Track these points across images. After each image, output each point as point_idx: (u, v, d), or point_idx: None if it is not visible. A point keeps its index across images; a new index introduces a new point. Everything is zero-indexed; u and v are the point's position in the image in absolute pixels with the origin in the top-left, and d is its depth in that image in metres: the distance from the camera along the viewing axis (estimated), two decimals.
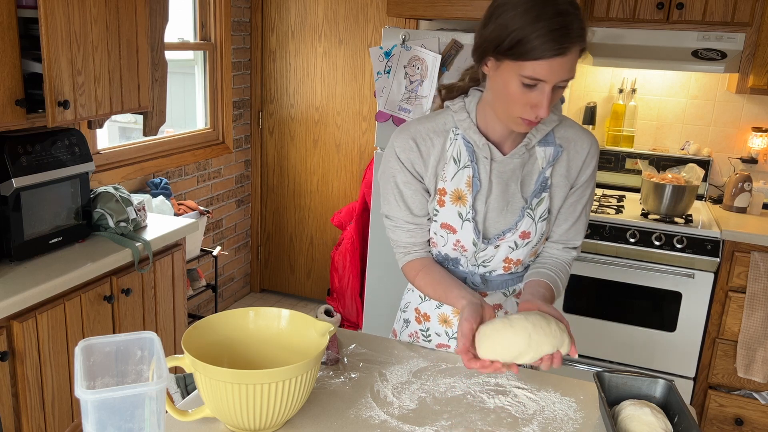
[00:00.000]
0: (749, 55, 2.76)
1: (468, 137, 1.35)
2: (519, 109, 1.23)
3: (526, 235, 1.40)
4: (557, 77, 1.17)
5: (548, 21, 1.13)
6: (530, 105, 1.21)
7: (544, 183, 1.38)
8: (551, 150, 1.37)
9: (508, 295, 1.51)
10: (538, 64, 1.15)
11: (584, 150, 1.40)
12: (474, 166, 1.36)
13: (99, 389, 0.93)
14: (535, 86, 1.18)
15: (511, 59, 1.18)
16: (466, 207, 1.38)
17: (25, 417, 1.93)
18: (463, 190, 1.37)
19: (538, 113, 1.21)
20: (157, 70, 2.48)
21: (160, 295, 2.48)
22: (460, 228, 1.39)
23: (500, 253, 1.42)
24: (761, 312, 2.63)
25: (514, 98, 1.22)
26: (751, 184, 2.95)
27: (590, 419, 1.27)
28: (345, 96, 3.84)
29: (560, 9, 1.14)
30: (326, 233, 4.07)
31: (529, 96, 1.20)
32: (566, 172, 1.40)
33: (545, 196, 1.39)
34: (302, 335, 1.25)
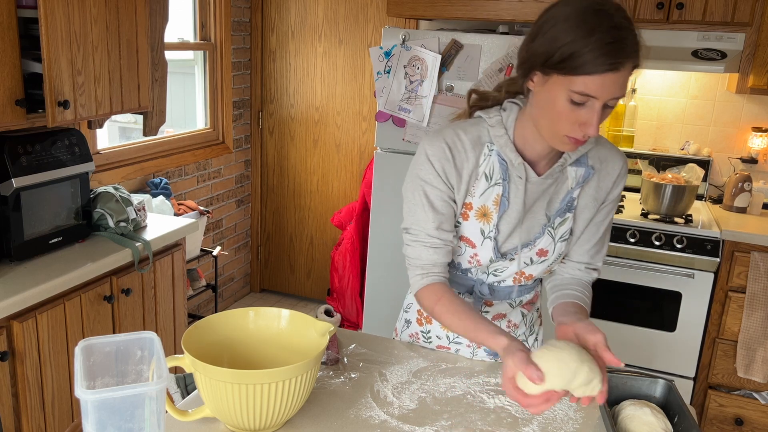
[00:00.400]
0: (749, 55, 2.76)
1: (504, 155, 1.29)
2: (566, 127, 1.17)
3: (543, 252, 1.37)
4: (609, 94, 1.11)
5: (603, 34, 1.08)
6: (579, 123, 1.15)
7: (570, 203, 1.34)
8: (582, 171, 1.32)
9: (515, 306, 1.49)
10: (590, 79, 1.10)
11: (615, 171, 1.36)
12: (505, 185, 1.30)
13: (99, 389, 0.93)
14: (585, 103, 1.13)
15: (561, 74, 1.12)
16: (489, 225, 1.34)
17: (25, 417, 1.93)
18: (490, 208, 1.33)
19: (586, 132, 1.15)
20: (157, 70, 2.48)
21: (160, 295, 2.48)
22: (480, 244, 1.36)
23: (513, 267, 1.39)
24: (761, 312, 2.63)
25: (561, 115, 1.16)
26: (751, 184, 2.95)
27: (590, 419, 1.27)
28: (345, 96, 3.84)
29: (615, 22, 1.09)
30: (326, 233, 4.07)
31: (578, 113, 1.14)
32: (595, 193, 1.36)
33: (569, 216, 1.35)
34: (302, 335, 1.25)
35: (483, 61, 2.73)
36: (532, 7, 2.73)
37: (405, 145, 2.93)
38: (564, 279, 1.44)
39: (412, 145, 2.91)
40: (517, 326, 1.51)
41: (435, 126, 2.84)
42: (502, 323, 1.50)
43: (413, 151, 2.92)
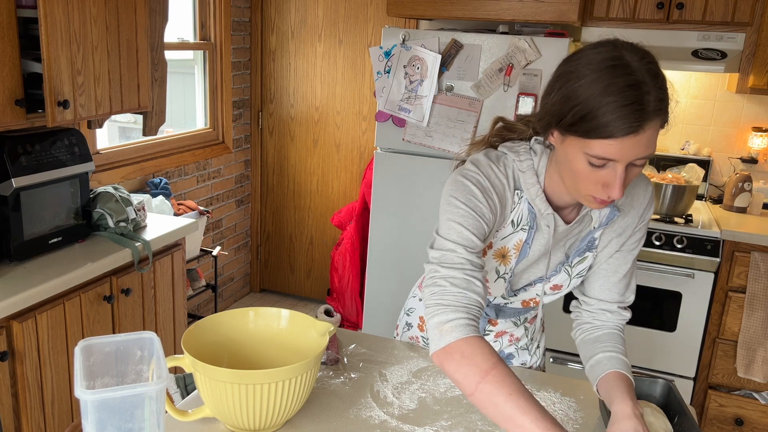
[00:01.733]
0: (749, 55, 2.76)
1: (534, 205, 1.19)
2: (589, 187, 1.07)
3: (557, 287, 1.32)
4: (631, 156, 1.00)
5: (619, 95, 0.96)
6: (601, 184, 1.05)
7: (590, 243, 1.26)
8: (607, 211, 1.21)
9: (519, 324, 1.48)
10: (607, 143, 0.99)
11: (642, 204, 1.26)
12: (531, 233, 1.22)
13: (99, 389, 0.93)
14: (605, 165, 1.02)
15: (576, 135, 1.02)
16: (506, 267, 1.28)
17: (24, 417, 1.93)
18: (510, 252, 1.25)
19: (610, 194, 1.04)
20: (157, 70, 2.48)
21: (159, 295, 2.48)
22: (493, 282, 1.31)
23: (525, 296, 1.36)
24: (761, 312, 2.63)
25: (582, 176, 1.06)
26: (751, 184, 2.95)
27: (590, 419, 1.27)
28: (345, 96, 3.84)
29: (634, 80, 0.97)
30: (326, 233, 4.06)
31: (599, 175, 1.04)
32: (621, 230, 1.26)
33: (589, 255, 1.27)
34: (302, 335, 1.25)
35: (483, 61, 2.73)
36: (532, 7, 2.73)
37: (405, 145, 2.93)
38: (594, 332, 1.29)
39: (412, 145, 2.91)
40: (519, 339, 1.51)
41: (435, 126, 2.84)
42: (504, 338, 1.48)
43: (413, 151, 2.92)
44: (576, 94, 1.00)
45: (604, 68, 0.99)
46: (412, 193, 2.98)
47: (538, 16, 2.73)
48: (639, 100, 0.97)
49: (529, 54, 2.64)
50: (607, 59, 0.99)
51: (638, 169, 1.04)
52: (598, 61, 1.00)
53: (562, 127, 1.04)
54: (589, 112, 0.99)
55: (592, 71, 0.99)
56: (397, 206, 3.02)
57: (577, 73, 1.01)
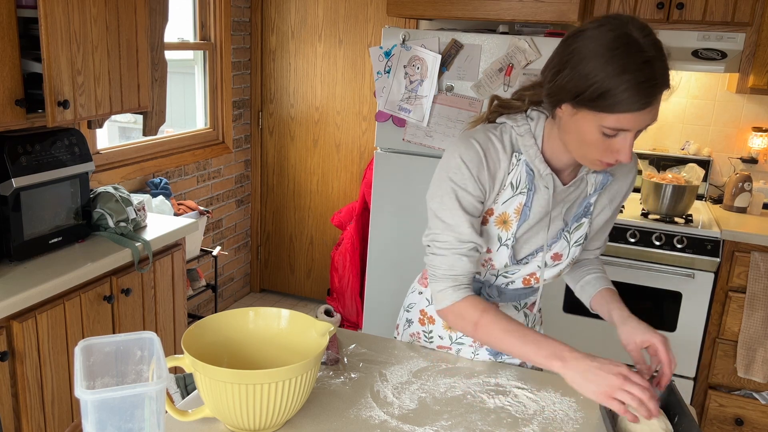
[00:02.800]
0: (749, 55, 2.76)
1: (532, 165, 1.27)
2: (598, 153, 1.17)
3: (558, 256, 1.38)
4: (641, 125, 1.11)
5: (635, 73, 1.05)
6: (611, 150, 1.15)
7: (587, 208, 1.36)
8: (601, 177, 1.32)
9: (519, 309, 1.50)
10: (623, 116, 1.09)
11: (630, 173, 1.40)
12: (529, 194, 1.30)
13: (99, 389, 0.93)
14: (617, 134, 1.13)
15: (592, 110, 1.11)
16: (507, 233, 1.33)
17: (25, 417, 1.93)
18: (510, 216, 1.32)
19: (619, 158, 1.15)
20: (157, 70, 2.48)
21: (160, 295, 2.48)
22: (496, 250, 1.35)
23: (526, 269, 1.40)
24: (761, 312, 2.63)
25: (593, 144, 1.16)
26: (751, 184, 2.95)
27: (590, 419, 1.27)
28: (345, 96, 3.84)
29: (646, 57, 1.06)
30: (326, 233, 4.07)
31: (610, 142, 1.14)
32: (613, 196, 1.39)
33: (585, 221, 1.37)
34: (302, 335, 1.25)
35: (483, 61, 2.73)
36: (532, 7, 2.73)
37: (405, 145, 2.93)
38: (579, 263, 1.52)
39: (412, 145, 2.91)
40: None
41: (435, 126, 2.84)
42: None
43: (413, 151, 2.92)
44: (593, 73, 1.08)
45: (617, 47, 1.07)
46: (412, 193, 2.98)
47: (538, 16, 2.73)
48: (652, 76, 1.07)
49: (529, 54, 2.64)
50: (617, 37, 1.07)
51: (640, 133, 1.16)
52: (610, 40, 1.08)
53: (578, 102, 1.12)
54: (607, 90, 1.07)
55: (605, 50, 1.07)
56: (397, 206, 3.02)
57: (590, 52, 1.09)
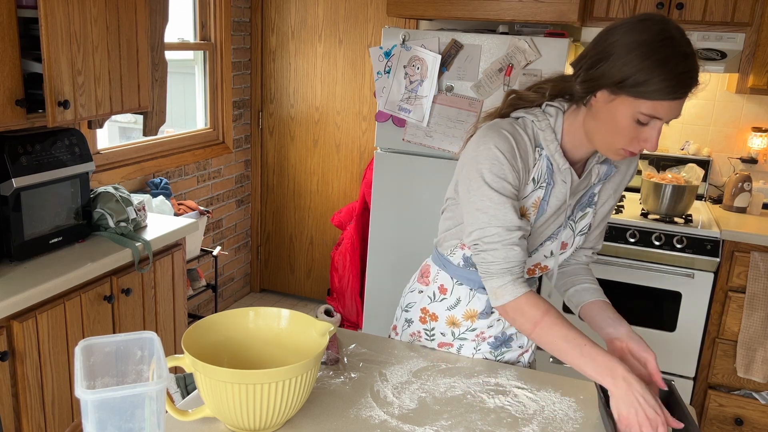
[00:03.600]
0: (749, 55, 2.76)
1: (552, 160, 1.32)
2: (625, 142, 1.22)
3: (564, 245, 1.42)
4: (672, 115, 1.18)
5: (676, 64, 1.13)
6: (639, 139, 1.21)
7: (591, 198, 1.40)
8: (605, 168, 1.37)
9: None
10: (660, 104, 1.15)
11: (631, 166, 1.44)
12: (548, 189, 1.34)
13: (99, 389, 0.93)
14: (649, 123, 1.19)
15: (632, 96, 1.16)
16: None
17: (25, 417, 1.93)
18: (528, 210, 1.35)
19: (646, 147, 1.21)
20: (157, 70, 2.48)
21: (160, 295, 2.48)
22: None
23: (532, 260, 1.43)
24: (761, 312, 2.64)
25: (623, 131, 1.20)
26: (750, 184, 2.95)
27: (590, 419, 1.27)
28: (345, 96, 3.84)
29: (685, 51, 1.14)
30: (326, 233, 4.07)
31: (640, 131, 1.20)
32: (616, 187, 1.43)
33: (590, 211, 1.41)
34: (302, 335, 1.25)
35: (483, 61, 2.73)
36: (532, 7, 2.73)
37: (405, 145, 2.93)
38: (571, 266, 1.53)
39: (412, 145, 2.91)
40: None
41: (435, 126, 2.84)
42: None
43: (413, 151, 2.92)
44: (637, 61, 1.14)
45: (660, 40, 1.14)
46: (412, 193, 2.98)
47: (538, 16, 2.73)
48: (691, 69, 1.15)
49: (529, 54, 2.64)
50: (660, 31, 1.15)
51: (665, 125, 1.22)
52: (654, 33, 1.15)
53: (619, 88, 1.17)
54: (650, 78, 1.13)
55: (650, 42, 1.14)
56: (397, 206, 3.02)
57: (634, 42, 1.15)
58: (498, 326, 1.51)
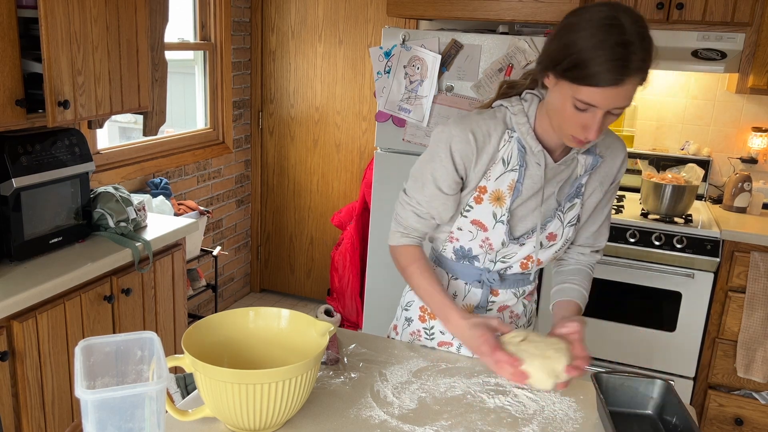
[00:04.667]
0: (749, 55, 2.76)
1: (524, 142, 1.34)
2: (571, 128, 1.23)
3: (552, 236, 1.42)
4: (610, 105, 1.17)
5: (609, 50, 1.11)
6: (581, 126, 1.21)
7: (578, 189, 1.40)
8: (591, 159, 1.38)
9: (519, 296, 1.51)
10: (593, 90, 1.15)
11: (619, 158, 1.43)
12: (521, 171, 1.35)
13: (99, 389, 0.93)
14: (587, 110, 1.18)
15: (568, 81, 1.17)
16: (502, 209, 1.38)
17: (25, 417, 1.93)
18: (504, 192, 1.37)
19: (587, 136, 1.22)
20: (157, 70, 2.48)
21: (160, 295, 2.48)
22: (492, 228, 1.39)
23: (523, 251, 1.43)
24: (761, 312, 2.63)
25: (567, 117, 1.22)
26: (750, 184, 2.95)
27: (590, 419, 1.27)
28: (345, 96, 3.84)
29: (624, 39, 1.11)
30: (326, 233, 4.07)
31: (581, 117, 1.20)
32: (602, 179, 1.42)
33: (577, 202, 1.41)
34: (302, 335, 1.25)
35: (483, 61, 2.73)
36: (532, 7, 2.73)
37: (405, 145, 2.93)
38: (569, 266, 1.52)
39: (412, 145, 2.91)
40: (519, 317, 1.55)
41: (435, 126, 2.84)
42: (505, 314, 1.52)
43: (413, 151, 2.92)
44: (574, 45, 1.15)
45: (601, 25, 1.13)
46: None
47: (538, 16, 2.73)
48: (625, 58, 1.12)
49: (529, 54, 2.64)
50: (605, 17, 1.14)
51: (614, 117, 1.21)
52: (598, 19, 1.14)
53: (558, 71, 1.19)
54: (582, 62, 1.14)
55: (591, 26, 1.14)
56: None
57: (578, 26, 1.16)
58: None
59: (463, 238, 1.43)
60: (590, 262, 1.53)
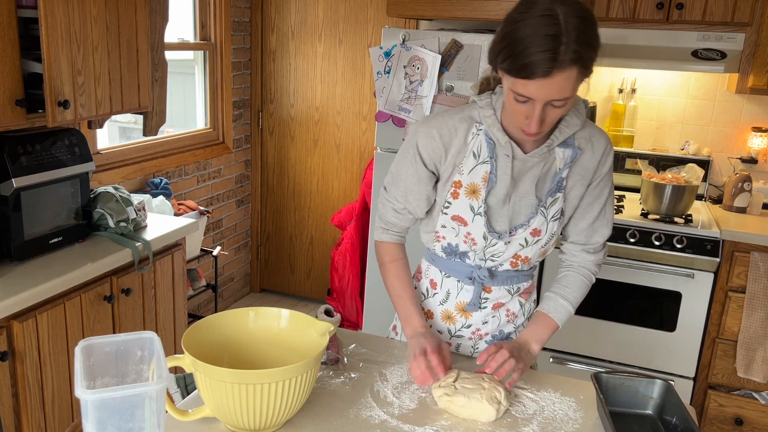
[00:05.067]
0: (749, 55, 2.76)
1: (491, 134, 1.36)
2: (518, 120, 1.26)
3: (537, 232, 1.41)
4: (546, 97, 1.17)
5: (538, 42, 1.12)
6: (525, 117, 1.23)
7: (559, 183, 1.39)
8: (570, 152, 1.37)
9: (513, 293, 1.50)
10: (526, 82, 1.16)
11: (600, 150, 1.41)
12: (492, 162, 1.36)
13: (99, 389, 0.93)
14: (526, 102, 1.20)
15: (506, 73, 1.19)
16: (478, 201, 1.38)
17: (25, 417, 1.93)
18: (479, 185, 1.38)
19: (529, 128, 1.23)
20: (157, 70, 2.48)
21: (160, 295, 2.48)
22: (471, 221, 1.40)
23: (510, 250, 1.42)
24: (761, 312, 2.64)
25: (512, 109, 1.25)
26: (750, 184, 2.95)
27: (590, 419, 1.27)
28: (345, 96, 3.84)
29: (554, 31, 1.12)
30: (326, 233, 4.07)
31: (522, 109, 1.22)
32: (583, 172, 1.41)
33: (559, 196, 1.40)
34: (302, 335, 1.25)
35: (483, 61, 2.73)
36: None
37: None
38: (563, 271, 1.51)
39: None
40: (516, 315, 1.53)
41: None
42: (500, 312, 1.51)
43: None
44: (509, 36, 1.16)
45: (536, 17, 1.14)
46: None
47: None
48: (554, 49, 1.12)
49: None
50: (543, 10, 1.14)
51: (557, 110, 1.21)
52: (535, 11, 1.15)
53: (498, 64, 1.21)
54: (514, 54, 1.15)
55: (526, 17, 1.15)
56: None
57: (515, 17, 1.17)
58: (493, 323, 1.51)
59: (449, 235, 1.44)
60: (585, 263, 1.49)
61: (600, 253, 1.50)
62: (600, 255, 1.50)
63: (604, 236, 1.47)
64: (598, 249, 1.49)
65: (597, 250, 1.49)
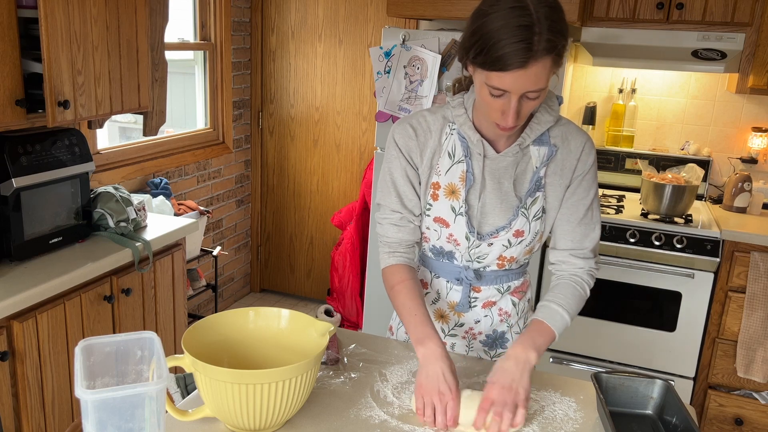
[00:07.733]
0: (749, 55, 2.76)
1: (463, 133, 1.36)
2: (493, 114, 1.24)
3: (519, 233, 1.39)
4: (521, 88, 1.16)
5: (512, 33, 1.11)
6: (500, 112, 1.22)
7: (538, 182, 1.37)
8: (545, 150, 1.35)
9: (503, 291, 1.49)
10: (501, 75, 1.15)
11: (578, 148, 1.37)
12: (468, 161, 1.36)
13: (99, 389, 0.93)
14: (502, 95, 1.19)
15: (479, 67, 1.18)
16: (458, 201, 1.38)
17: (25, 417, 1.93)
18: (457, 185, 1.38)
19: (505, 121, 1.22)
20: (157, 70, 2.48)
21: (160, 295, 2.48)
22: (453, 222, 1.39)
23: (494, 251, 1.41)
24: (761, 312, 2.64)
25: (486, 104, 1.24)
26: (750, 184, 2.95)
27: (590, 419, 1.27)
28: (345, 96, 3.84)
29: (527, 21, 1.11)
30: (326, 233, 4.07)
31: (498, 103, 1.21)
32: (560, 171, 1.37)
33: (539, 195, 1.38)
34: (302, 335, 1.25)
35: None
36: None
37: None
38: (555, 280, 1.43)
39: None
40: (509, 315, 1.51)
41: None
42: (493, 311, 1.49)
43: None
44: (480, 30, 1.15)
45: (506, 8, 1.13)
46: None
47: None
48: (528, 39, 1.11)
49: None
50: (510, 1, 1.13)
51: (533, 102, 1.21)
52: (502, 2, 1.14)
53: (470, 59, 1.20)
54: (487, 47, 1.14)
55: (496, 10, 1.14)
56: None
57: (485, 11, 1.16)
58: (486, 322, 1.51)
59: (432, 236, 1.44)
60: (575, 271, 1.40)
61: (591, 260, 1.41)
62: (591, 262, 1.41)
63: (593, 240, 1.40)
64: (588, 255, 1.40)
65: (587, 255, 1.40)
